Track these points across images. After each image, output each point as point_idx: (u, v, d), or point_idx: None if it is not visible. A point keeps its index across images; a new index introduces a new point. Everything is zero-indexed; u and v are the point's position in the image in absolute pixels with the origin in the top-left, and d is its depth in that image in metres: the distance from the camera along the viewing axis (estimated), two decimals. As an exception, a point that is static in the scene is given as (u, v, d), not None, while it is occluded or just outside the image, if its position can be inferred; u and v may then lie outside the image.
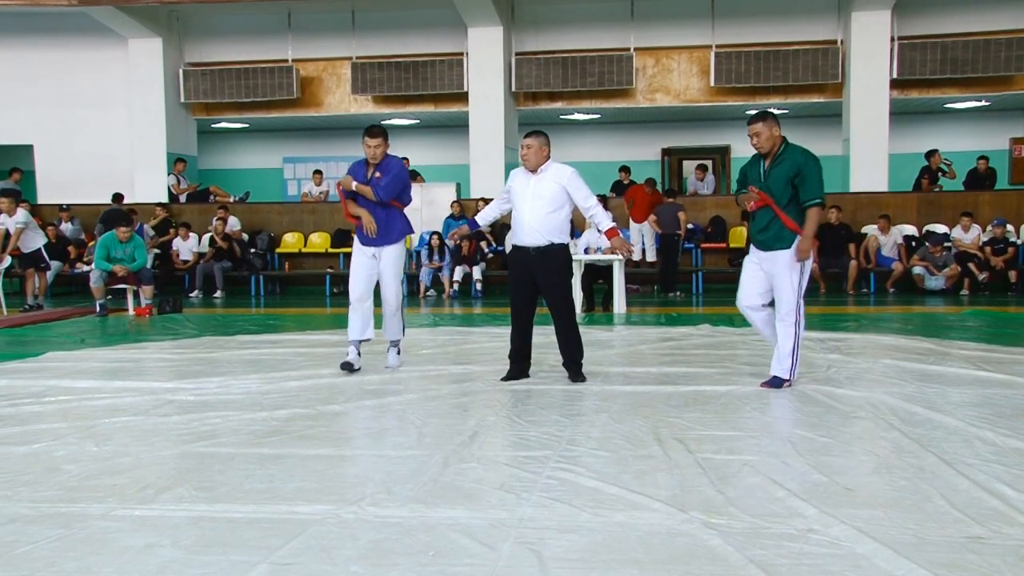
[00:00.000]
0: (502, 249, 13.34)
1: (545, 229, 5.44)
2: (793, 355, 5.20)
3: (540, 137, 5.51)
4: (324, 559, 2.65)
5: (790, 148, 5.14)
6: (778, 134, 5.15)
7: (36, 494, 3.32)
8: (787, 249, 5.11)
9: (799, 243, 5.11)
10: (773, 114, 5.22)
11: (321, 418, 4.62)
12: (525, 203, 5.47)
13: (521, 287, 5.58)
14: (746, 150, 17.57)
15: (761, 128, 5.13)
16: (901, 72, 13.42)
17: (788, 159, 5.09)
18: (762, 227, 5.19)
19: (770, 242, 5.17)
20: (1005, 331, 7.87)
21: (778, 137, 5.15)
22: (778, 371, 5.25)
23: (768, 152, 5.16)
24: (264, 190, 17.35)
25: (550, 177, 5.47)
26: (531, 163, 5.48)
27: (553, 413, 4.67)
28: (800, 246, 5.11)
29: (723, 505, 3.08)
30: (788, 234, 5.10)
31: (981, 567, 2.53)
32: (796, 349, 5.21)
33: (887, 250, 12.34)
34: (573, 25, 14.44)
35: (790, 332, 5.18)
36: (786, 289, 5.15)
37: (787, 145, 5.16)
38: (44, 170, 15.28)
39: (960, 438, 3.99)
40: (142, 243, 10.88)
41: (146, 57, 14.76)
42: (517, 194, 5.52)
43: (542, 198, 5.44)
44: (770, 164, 5.15)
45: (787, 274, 5.13)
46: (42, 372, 6.16)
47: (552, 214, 5.46)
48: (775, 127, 5.14)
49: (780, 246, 5.13)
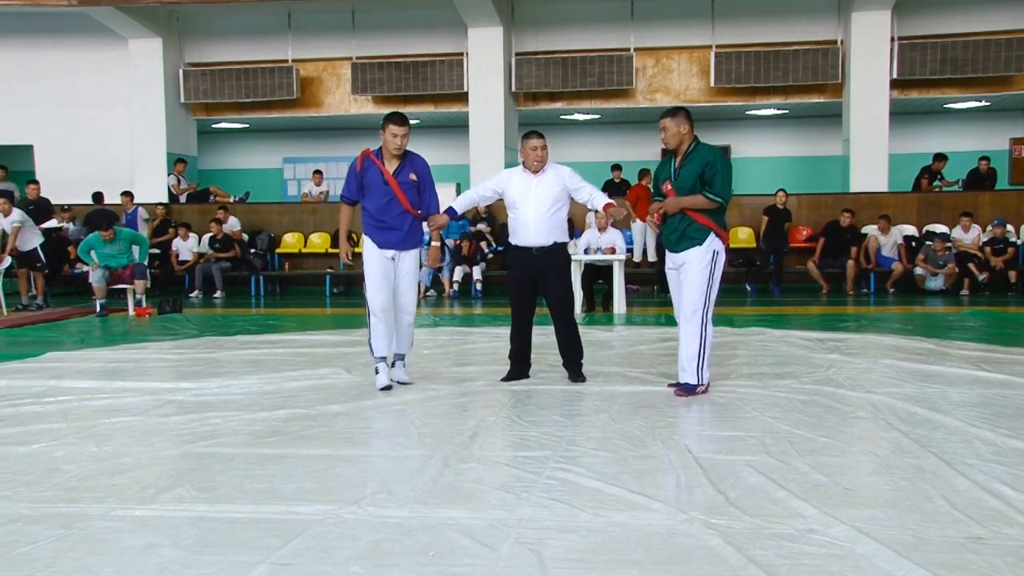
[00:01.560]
0: (502, 249, 13.35)
1: (548, 229, 5.45)
2: (699, 358, 5.02)
3: (544, 137, 5.54)
4: (324, 559, 2.65)
5: (701, 147, 5.08)
6: (686, 131, 5.07)
7: (36, 494, 3.32)
8: (697, 247, 5.00)
9: (666, 201, 5.04)
10: (685, 110, 5.15)
11: (321, 418, 4.62)
12: (528, 203, 5.46)
13: (520, 287, 5.58)
14: (746, 150, 17.74)
15: (668, 123, 5.08)
16: (901, 72, 13.42)
17: (698, 157, 5.03)
18: (672, 228, 5.10)
19: (681, 242, 5.07)
20: (1005, 331, 7.87)
21: (687, 134, 5.08)
22: (686, 378, 5.08)
23: (677, 150, 5.12)
24: (264, 190, 17.34)
25: (551, 177, 5.49)
26: (543, 163, 5.48)
27: (553, 413, 4.67)
28: (667, 203, 5.03)
29: (723, 505, 3.08)
30: (697, 232, 5.00)
31: (981, 567, 2.53)
32: (703, 352, 5.02)
33: (887, 250, 12.34)
34: (573, 25, 14.44)
35: (695, 333, 5.01)
36: (693, 287, 5.01)
37: (698, 144, 5.10)
38: (44, 170, 15.25)
39: (960, 438, 3.99)
40: (133, 235, 10.80)
41: (146, 57, 14.75)
42: (518, 195, 5.50)
43: (545, 198, 5.45)
44: (680, 162, 5.10)
45: (696, 271, 5.00)
46: (42, 372, 6.16)
47: (555, 214, 5.48)
48: (684, 124, 5.07)
49: (689, 245, 5.03)
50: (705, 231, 4.99)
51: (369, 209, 5.42)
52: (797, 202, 13.64)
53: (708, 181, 4.98)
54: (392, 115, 5.37)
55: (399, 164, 5.40)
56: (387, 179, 5.35)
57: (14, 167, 14.95)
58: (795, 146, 17.05)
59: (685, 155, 5.08)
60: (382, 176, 5.37)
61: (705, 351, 5.04)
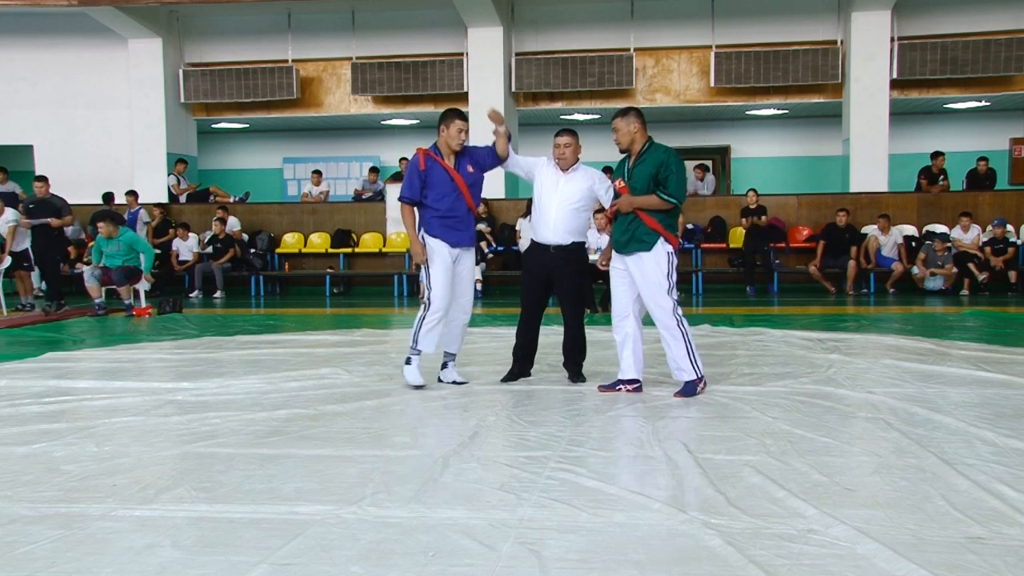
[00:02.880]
0: (502, 249, 13.35)
1: (569, 229, 5.41)
2: (690, 355, 5.02)
3: (575, 136, 5.45)
4: (324, 559, 2.65)
5: (655, 147, 5.06)
6: (636, 129, 5.06)
7: (36, 494, 3.32)
8: (648, 251, 4.98)
9: (619, 200, 5.04)
10: (636, 110, 5.14)
11: (321, 418, 4.62)
12: (552, 201, 5.40)
13: (534, 286, 5.56)
14: (746, 150, 17.75)
15: (619, 124, 5.09)
16: (901, 72, 13.42)
17: (651, 157, 5.01)
18: (623, 229, 5.08)
19: (631, 244, 5.04)
20: (1005, 331, 7.87)
21: (638, 133, 5.06)
22: (684, 377, 5.06)
23: (630, 150, 5.11)
24: (264, 190, 17.34)
25: (580, 178, 5.41)
26: (568, 162, 5.43)
27: (553, 413, 4.67)
28: (621, 201, 5.03)
29: (723, 505, 3.08)
30: (647, 236, 4.98)
31: (981, 567, 2.53)
32: (690, 348, 5.01)
33: (887, 250, 12.34)
34: (573, 25, 14.44)
35: (677, 334, 5.00)
36: (658, 293, 4.99)
37: (652, 144, 5.08)
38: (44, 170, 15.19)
39: (960, 438, 3.99)
40: (135, 240, 10.80)
41: (146, 57, 14.75)
42: (544, 190, 5.44)
43: (571, 198, 5.39)
44: (634, 163, 5.09)
45: (656, 278, 4.98)
46: (42, 372, 6.15)
47: (579, 214, 5.44)
48: (634, 123, 5.06)
49: (640, 248, 5.01)
50: (654, 235, 4.97)
51: (438, 207, 5.32)
52: (797, 202, 13.65)
53: (662, 182, 4.96)
54: (455, 111, 5.39)
55: (456, 159, 5.39)
56: (452, 176, 5.32)
57: (14, 167, 14.96)
58: (795, 146, 17.05)
59: (639, 155, 5.07)
60: (447, 173, 5.32)
61: (692, 345, 5.04)
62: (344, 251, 14.16)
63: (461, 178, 5.34)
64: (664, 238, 5.00)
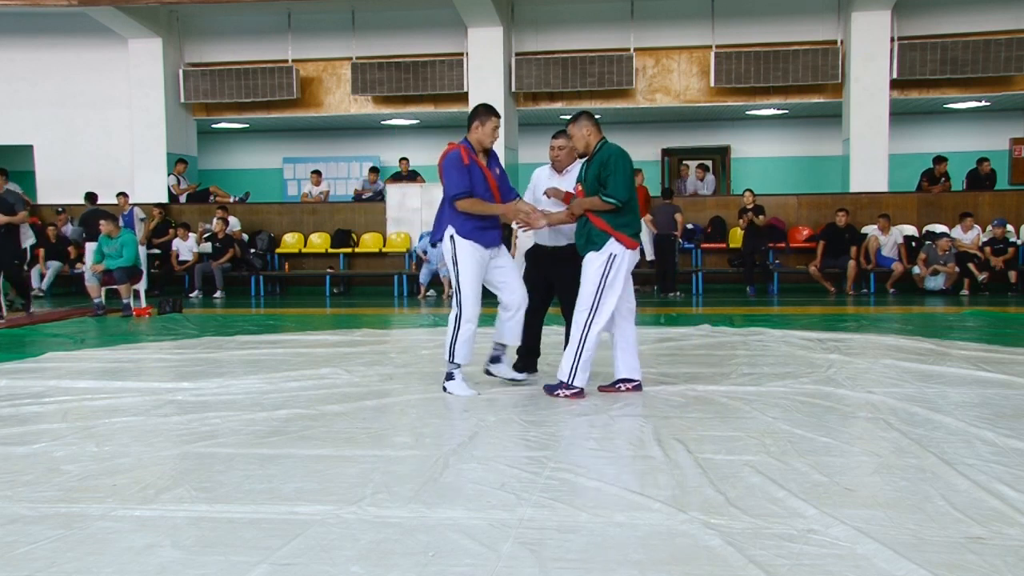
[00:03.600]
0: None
1: (565, 230, 5.39)
2: (575, 361, 4.95)
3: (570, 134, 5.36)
4: (324, 559, 2.65)
5: (604, 147, 5.03)
6: (589, 132, 5.03)
7: (36, 494, 3.32)
8: (597, 252, 4.95)
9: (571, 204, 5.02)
10: (586, 113, 5.11)
11: (321, 418, 4.62)
12: (550, 202, 5.41)
13: (536, 287, 5.54)
14: (746, 150, 17.76)
15: (572, 130, 5.08)
16: (901, 72, 13.42)
17: (597, 158, 4.98)
18: (579, 232, 5.08)
19: (587, 246, 5.02)
20: (1005, 331, 7.87)
21: (590, 135, 5.03)
22: (559, 375, 5.02)
23: (584, 153, 5.09)
24: (264, 190, 17.34)
25: (574, 178, 5.39)
26: (563, 163, 5.45)
27: (553, 413, 4.67)
28: (572, 205, 5.01)
29: (723, 505, 3.08)
30: (598, 237, 4.96)
31: (981, 567, 2.53)
32: (581, 349, 4.94)
33: (887, 250, 12.34)
34: (573, 25, 14.44)
35: (577, 338, 4.95)
36: (585, 289, 4.95)
37: (602, 144, 5.05)
38: (44, 170, 15.28)
39: (960, 438, 3.99)
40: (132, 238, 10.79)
41: (146, 57, 14.75)
42: (542, 192, 5.48)
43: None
44: (586, 164, 5.09)
45: (589, 273, 4.95)
46: (42, 372, 6.15)
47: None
48: (585, 126, 5.04)
49: (592, 248, 4.98)
50: (604, 236, 4.94)
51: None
52: (797, 202, 13.66)
53: (603, 182, 4.93)
54: (490, 108, 5.20)
55: (487, 159, 5.26)
56: (487, 175, 5.17)
57: (14, 167, 14.93)
58: (795, 146, 17.05)
59: (591, 156, 5.06)
60: (483, 172, 5.17)
61: (582, 354, 4.95)
62: (344, 251, 14.16)
63: (494, 179, 5.21)
64: (615, 238, 4.95)
